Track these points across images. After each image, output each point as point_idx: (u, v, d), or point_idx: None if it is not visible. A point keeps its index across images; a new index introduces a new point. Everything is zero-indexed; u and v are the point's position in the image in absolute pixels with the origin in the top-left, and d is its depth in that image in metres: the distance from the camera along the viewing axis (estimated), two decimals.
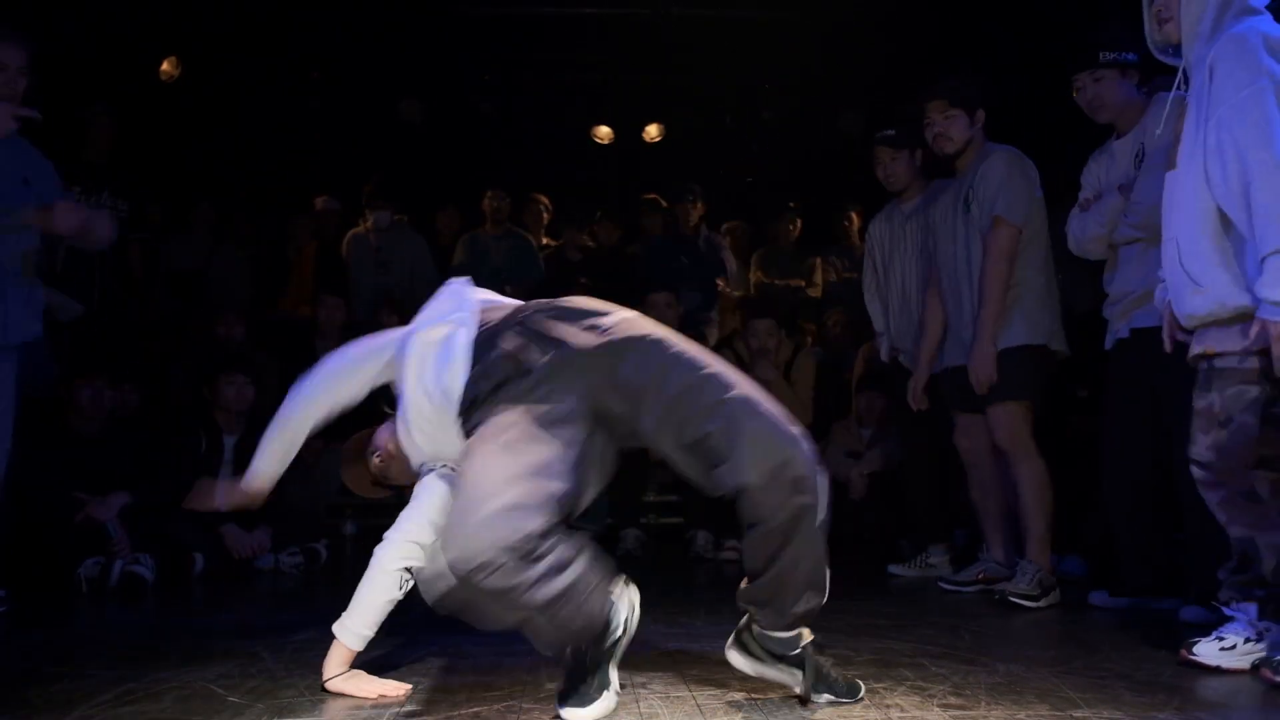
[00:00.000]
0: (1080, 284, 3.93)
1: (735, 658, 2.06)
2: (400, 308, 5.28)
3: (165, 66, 6.49)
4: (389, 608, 2.14)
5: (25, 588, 3.48)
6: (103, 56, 5.81)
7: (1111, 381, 3.32)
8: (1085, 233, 3.30)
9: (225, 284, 6.12)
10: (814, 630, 2.05)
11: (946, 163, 3.77)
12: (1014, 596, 3.34)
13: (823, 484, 1.96)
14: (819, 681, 2.00)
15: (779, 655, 2.02)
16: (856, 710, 1.97)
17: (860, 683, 2.07)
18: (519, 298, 5.49)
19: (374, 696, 2.09)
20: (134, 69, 6.27)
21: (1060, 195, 3.65)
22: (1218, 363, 2.38)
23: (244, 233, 6.51)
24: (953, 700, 2.03)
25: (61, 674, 2.31)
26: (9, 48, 3.17)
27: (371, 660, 2.27)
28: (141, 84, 6.34)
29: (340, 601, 2.40)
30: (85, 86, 5.33)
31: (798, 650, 2.01)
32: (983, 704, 2.00)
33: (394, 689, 2.12)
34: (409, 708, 2.00)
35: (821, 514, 1.95)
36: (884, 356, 4.37)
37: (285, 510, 4.46)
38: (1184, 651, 2.39)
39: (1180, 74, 2.52)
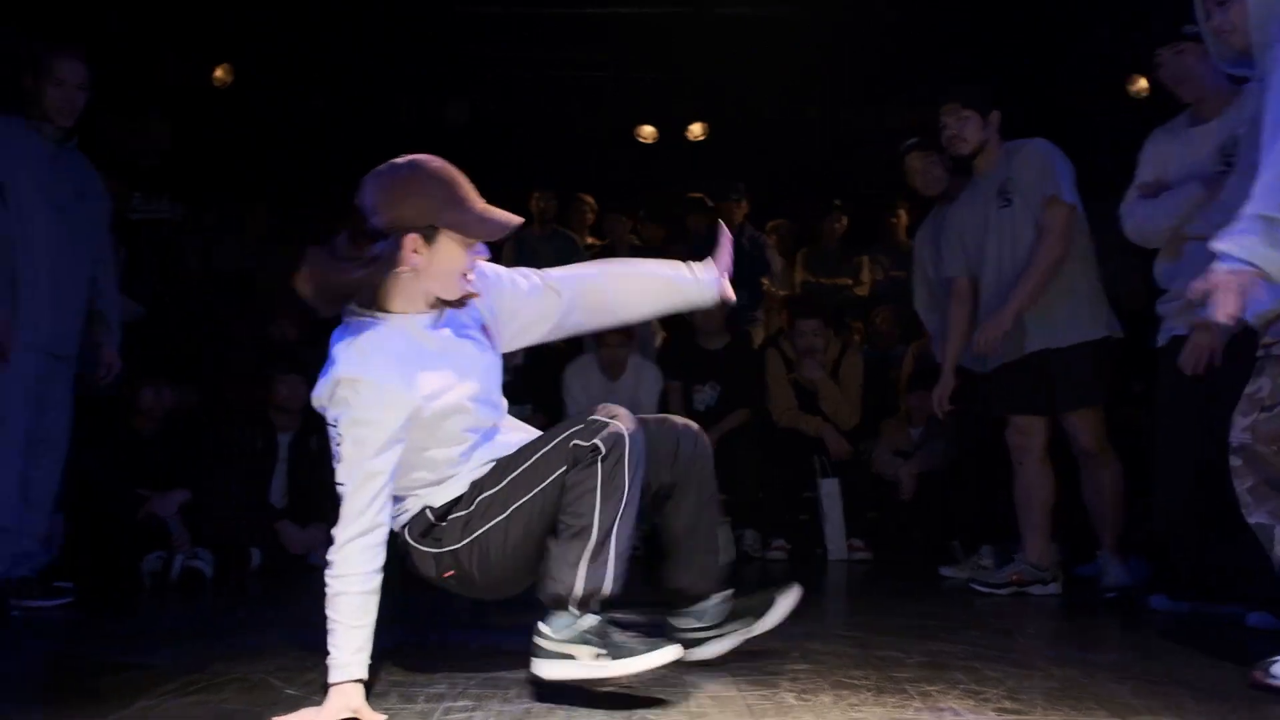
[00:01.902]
0: (1125, 276, 3.86)
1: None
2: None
3: (219, 73, 6.62)
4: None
5: (91, 581, 3.57)
6: (158, 64, 5.94)
7: (1167, 378, 3.23)
8: (1154, 223, 3.13)
9: (278, 285, 6.21)
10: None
11: (963, 165, 3.74)
12: (1121, 589, 3.32)
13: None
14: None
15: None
16: (909, 713, 1.95)
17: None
18: None
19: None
20: (189, 76, 6.41)
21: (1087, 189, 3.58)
22: (1275, 350, 2.32)
23: (295, 234, 6.62)
24: (1008, 705, 2.00)
25: (127, 664, 2.37)
26: (69, 63, 3.25)
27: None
28: (196, 90, 6.48)
29: (388, 598, 2.44)
30: (141, 94, 5.46)
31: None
32: (1039, 709, 1.97)
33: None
34: (461, 702, 2.02)
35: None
36: (940, 357, 4.32)
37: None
38: (1257, 674, 2.20)
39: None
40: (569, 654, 2.00)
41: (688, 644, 2.24)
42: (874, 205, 6.73)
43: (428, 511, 2.16)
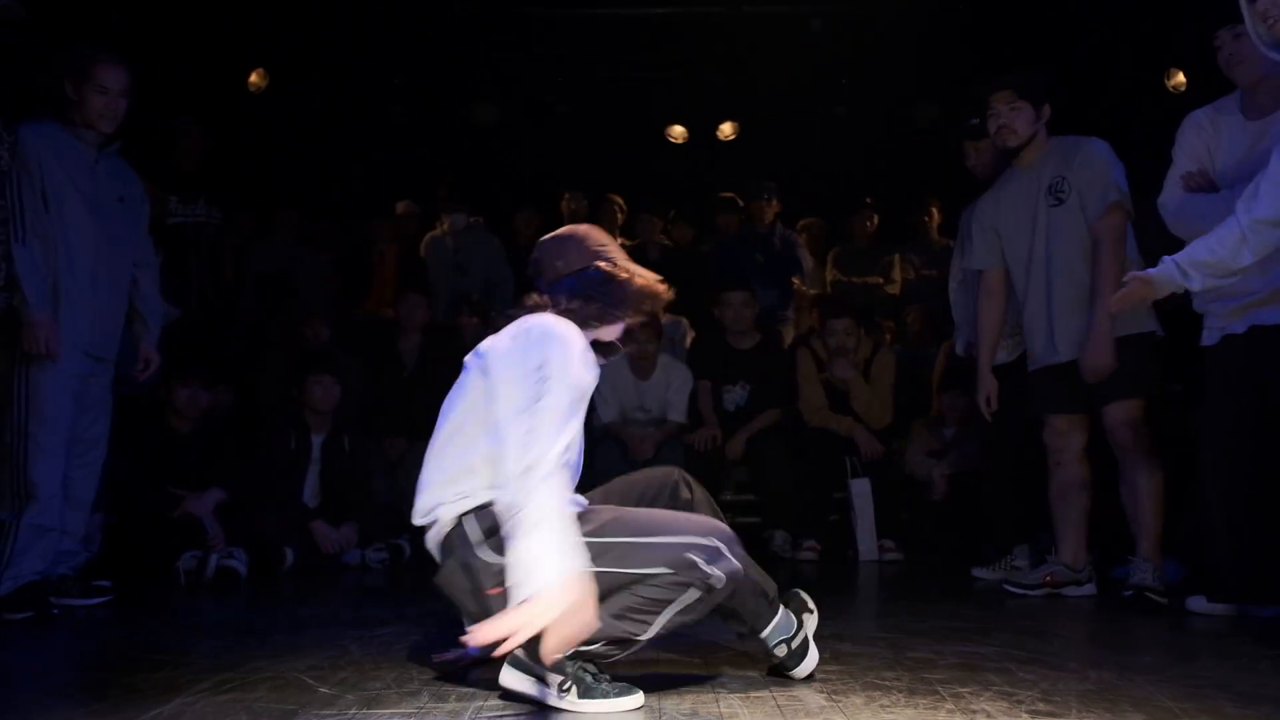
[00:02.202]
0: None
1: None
2: (479, 309, 5.37)
3: (253, 78, 6.70)
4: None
5: (128, 579, 3.63)
6: (194, 70, 6.03)
7: (1215, 378, 3.16)
8: (1204, 220, 2.93)
9: (311, 287, 6.29)
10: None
11: (1008, 156, 3.64)
12: (1149, 593, 3.25)
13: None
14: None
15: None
16: (941, 715, 1.93)
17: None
18: None
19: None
20: (224, 81, 6.49)
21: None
22: None
23: (328, 237, 6.69)
24: (1042, 707, 1.98)
25: (164, 661, 2.40)
26: (113, 71, 3.29)
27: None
28: (231, 95, 6.56)
29: (424, 596, 2.46)
30: (176, 98, 5.54)
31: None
32: (1074, 711, 1.95)
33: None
34: (492, 701, 2.03)
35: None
36: (959, 350, 4.28)
37: (371, 507, 4.59)
38: None
39: None
40: (539, 675, 1.99)
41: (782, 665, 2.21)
42: (905, 203, 6.69)
43: (496, 506, 1.96)
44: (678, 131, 7.75)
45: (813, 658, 2.21)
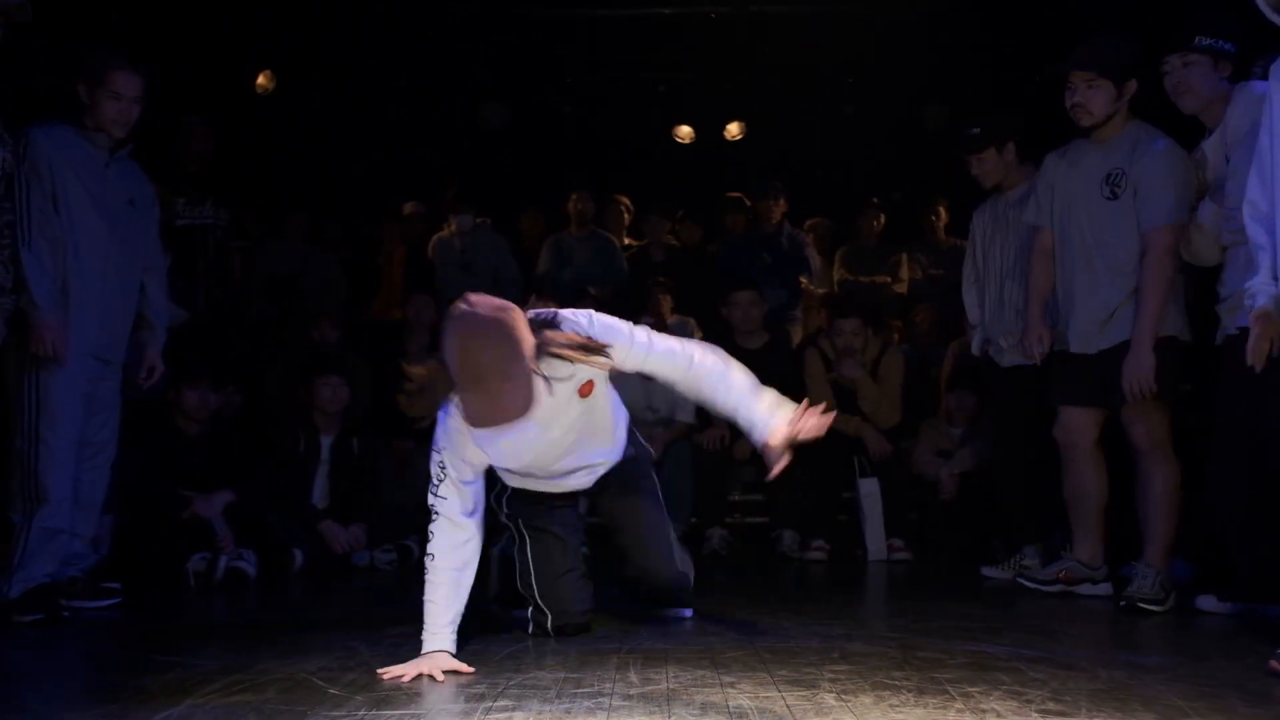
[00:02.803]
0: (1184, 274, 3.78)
1: None
2: None
3: (261, 80, 6.72)
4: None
5: (137, 581, 3.64)
6: (201, 71, 6.04)
7: (1227, 378, 3.16)
8: (1193, 247, 3.18)
9: (319, 289, 6.30)
10: None
11: (1084, 132, 3.49)
12: (1142, 603, 3.21)
13: None
14: None
15: None
16: (950, 714, 1.93)
17: None
18: (603, 298, 5.59)
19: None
20: (231, 83, 6.51)
21: None
22: None
23: (336, 239, 6.70)
24: (1052, 706, 1.97)
25: (173, 663, 2.41)
26: (128, 78, 3.29)
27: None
28: (238, 97, 6.58)
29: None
30: (184, 100, 5.55)
31: None
32: (1084, 711, 1.94)
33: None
34: (502, 702, 2.03)
35: None
36: (975, 350, 4.27)
37: (380, 508, 4.59)
38: (1274, 662, 2.23)
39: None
40: None
41: None
42: (912, 203, 6.67)
43: None
44: (685, 132, 7.75)
45: None
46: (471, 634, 2.42)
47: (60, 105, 3.31)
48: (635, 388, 5.19)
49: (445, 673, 2.25)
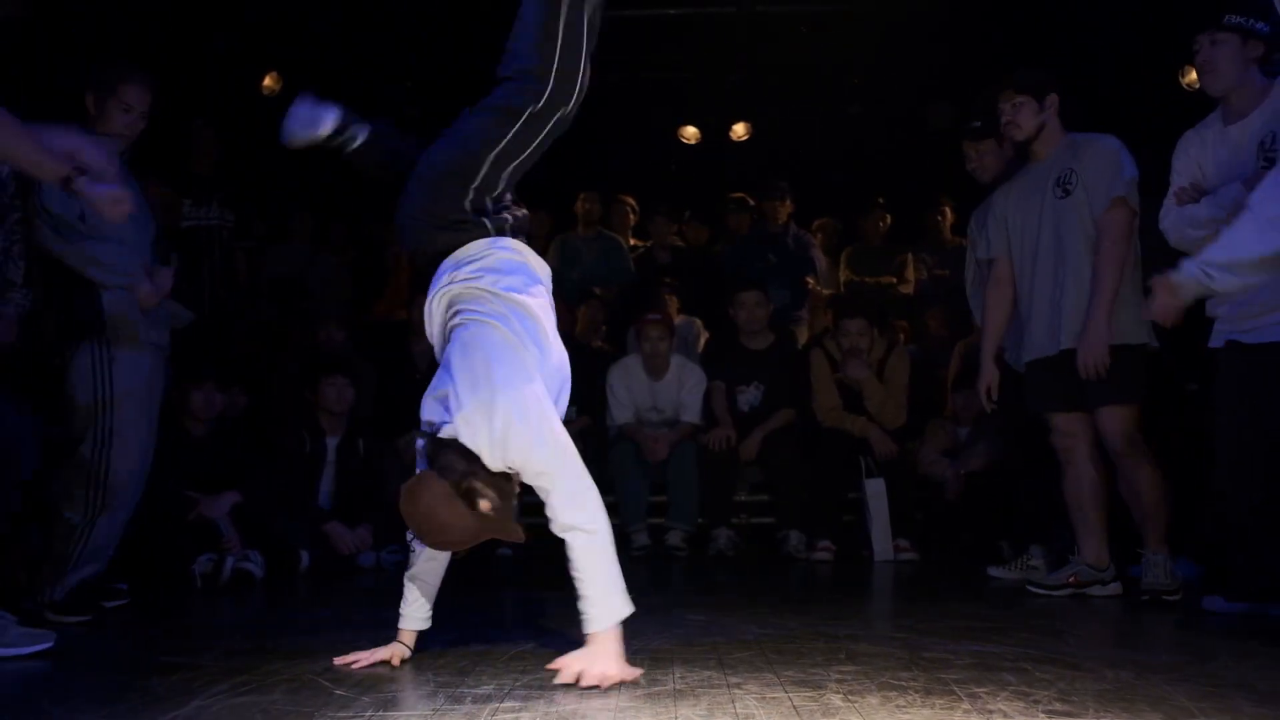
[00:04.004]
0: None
1: None
2: None
3: (267, 81, 6.73)
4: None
5: (144, 582, 3.65)
6: (207, 73, 6.06)
7: (1226, 379, 3.16)
8: (1194, 226, 3.09)
9: (325, 290, 6.32)
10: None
11: (1022, 151, 3.72)
12: (1164, 594, 3.24)
13: None
14: None
15: None
16: (957, 715, 1.93)
17: None
18: (609, 299, 5.57)
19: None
20: (237, 84, 6.52)
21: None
22: None
23: (341, 240, 6.71)
24: (1059, 707, 1.97)
25: (180, 664, 2.41)
26: (138, 90, 3.28)
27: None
28: (244, 98, 6.59)
29: (439, 598, 2.47)
30: (190, 102, 5.57)
31: None
32: (1091, 711, 1.94)
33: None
34: (508, 703, 2.03)
35: None
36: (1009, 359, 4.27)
37: (386, 508, 4.60)
38: None
39: None
40: None
41: None
42: (918, 203, 6.67)
43: None
44: (690, 132, 7.75)
45: None
46: (479, 636, 2.41)
47: (60, 112, 3.31)
48: (642, 389, 5.20)
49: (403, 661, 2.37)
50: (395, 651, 2.40)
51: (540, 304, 2.36)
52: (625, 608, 2.19)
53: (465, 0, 6.30)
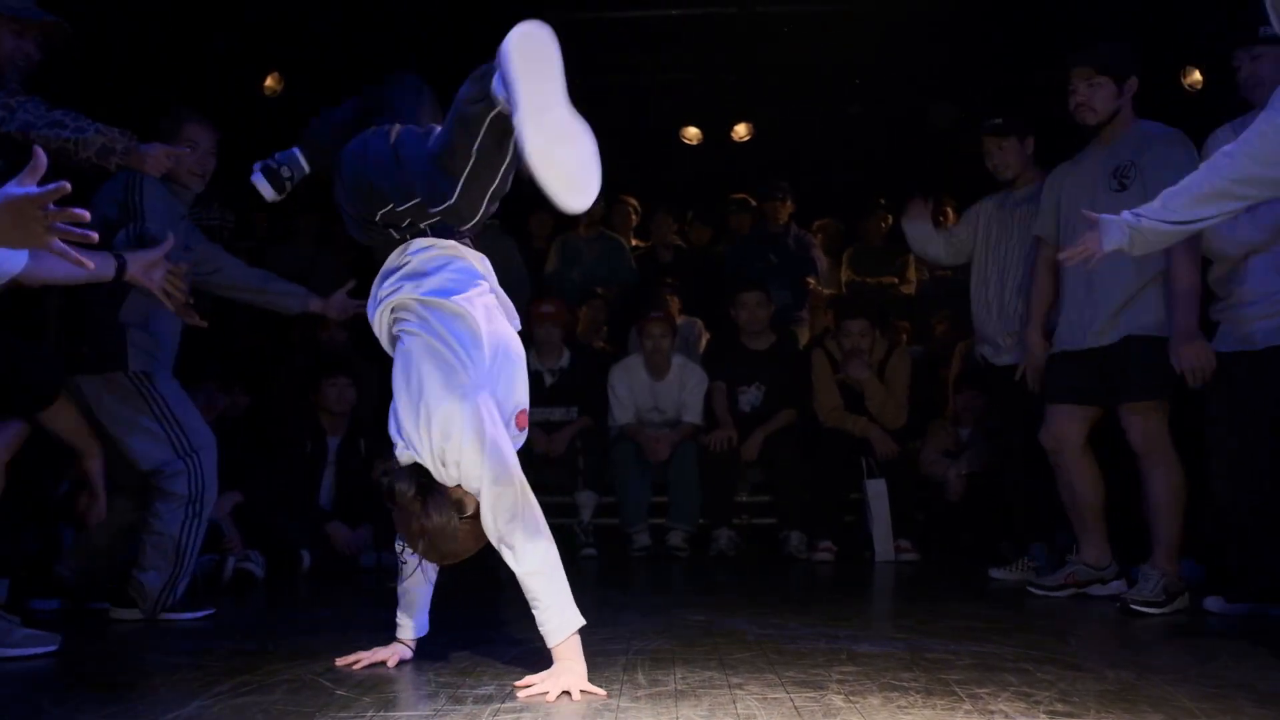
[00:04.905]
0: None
1: None
2: None
3: (269, 82, 6.73)
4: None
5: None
6: (208, 72, 6.06)
7: (1228, 381, 3.15)
8: (1236, 241, 3.02)
9: (327, 290, 6.31)
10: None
11: (1088, 133, 3.52)
12: (1136, 605, 3.19)
13: None
14: None
15: None
16: (958, 715, 1.93)
17: None
18: (611, 300, 5.55)
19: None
20: (239, 84, 6.53)
21: None
22: None
23: (344, 240, 6.70)
24: (1060, 707, 1.97)
25: (181, 664, 2.42)
26: (201, 129, 3.47)
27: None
28: (246, 98, 6.59)
29: (439, 597, 2.48)
30: (190, 101, 5.56)
31: None
32: (1092, 712, 1.94)
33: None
34: (509, 703, 2.03)
35: None
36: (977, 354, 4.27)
37: (387, 509, 4.60)
38: None
39: None
40: None
41: None
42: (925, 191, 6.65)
43: None
44: (692, 133, 7.75)
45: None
46: (478, 638, 2.42)
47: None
48: (643, 389, 5.20)
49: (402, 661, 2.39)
50: (396, 652, 2.41)
51: (471, 296, 2.29)
52: (577, 619, 2.14)
53: (465, 0, 6.32)
